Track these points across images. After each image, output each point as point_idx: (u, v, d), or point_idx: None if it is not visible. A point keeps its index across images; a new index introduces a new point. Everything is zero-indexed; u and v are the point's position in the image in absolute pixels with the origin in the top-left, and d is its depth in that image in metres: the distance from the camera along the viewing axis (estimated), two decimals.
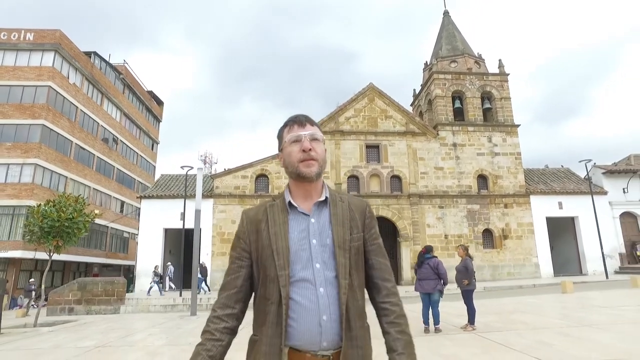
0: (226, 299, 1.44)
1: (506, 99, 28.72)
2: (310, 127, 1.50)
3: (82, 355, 6.18)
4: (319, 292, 1.35)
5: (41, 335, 8.55)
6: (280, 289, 1.34)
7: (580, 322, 7.64)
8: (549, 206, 26.58)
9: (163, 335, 8.04)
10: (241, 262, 1.47)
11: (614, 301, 10.57)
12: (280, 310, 1.33)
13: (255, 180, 25.32)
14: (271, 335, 1.33)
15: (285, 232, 1.42)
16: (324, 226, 1.45)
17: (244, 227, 1.49)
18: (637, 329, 6.70)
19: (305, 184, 1.47)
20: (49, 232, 10.30)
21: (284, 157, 1.50)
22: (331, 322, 1.34)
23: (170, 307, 17.29)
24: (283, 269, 1.36)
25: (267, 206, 1.50)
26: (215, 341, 1.36)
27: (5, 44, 27.13)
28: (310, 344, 1.33)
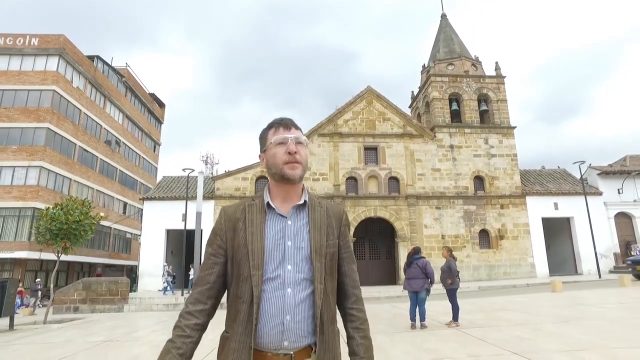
0: (199, 294, 1.46)
1: (502, 101, 29.15)
2: (295, 130, 1.53)
3: (92, 348, 6.69)
4: (286, 293, 1.38)
5: (52, 331, 9.07)
6: (252, 288, 1.37)
7: (558, 318, 8.11)
8: (545, 207, 27.00)
9: (166, 331, 8.55)
10: (216, 259, 1.49)
11: (597, 299, 11.03)
12: (252, 309, 1.36)
13: (255, 181, 25.80)
14: (241, 333, 1.37)
15: (262, 232, 1.44)
16: (300, 229, 1.47)
17: (222, 224, 1.51)
18: (608, 324, 7.17)
19: (287, 186, 1.49)
20: (57, 234, 10.82)
21: (268, 158, 1.52)
22: (294, 322, 1.37)
23: (173, 306, 17.76)
24: (257, 269, 1.38)
25: (246, 205, 1.52)
26: (186, 337, 1.38)
27: (10, 49, 27.73)
28: (270, 342, 1.36)
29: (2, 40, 27.83)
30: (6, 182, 25.58)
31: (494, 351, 5.64)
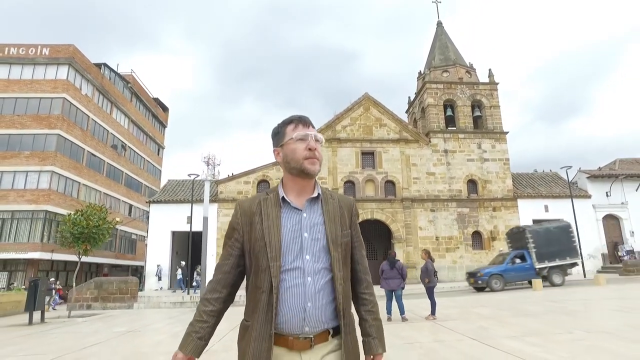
0: (215, 283, 1.57)
1: (495, 107, 30.21)
2: (313, 128, 1.61)
3: (119, 337, 7.82)
4: (306, 281, 1.45)
5: (78, 324, 10.23)
6: (271, 279, 1.43)
7: (522, 312, 9.23)
8: (536, 209, 28.03)
9: (179, 324, 9.68)
10: (232, 251, 1.58)
11: (567, 296, 12.14)
12: (271, 298, 1.42)
13: (257, 185, 26.88)
14: (262, 321, 1.43)
15: (278, 225, 1.50)
16: (316, 221, 1.53)
17: (238, 218, 1.57)
18: (562, 316, 8.28)
19: (304, 181, 1.56)
20: (78, 237, 11.96)
21: (287, 152, 1.57)
22: (315, 309, 1.44)
23: (179, 304, 18.88)
24: (275, 261, 1.45)
25: (261, 199, 1.57)
26: (203, 322, 1.50)
27: (23, 59, 28.98)
28: (292, 328, 1.43)
29: (15, 50, 29.10)
30: (19, 186, 26.83)
31: (458, 337, 6.75)
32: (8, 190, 26.61)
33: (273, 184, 26.76)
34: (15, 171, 26.97)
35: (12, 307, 13.18)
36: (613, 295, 11.89)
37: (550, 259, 18.38)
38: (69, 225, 11.95)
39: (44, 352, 6.48)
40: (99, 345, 6.94)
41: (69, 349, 6.62)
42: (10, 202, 26.39)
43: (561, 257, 18.60)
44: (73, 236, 11.93)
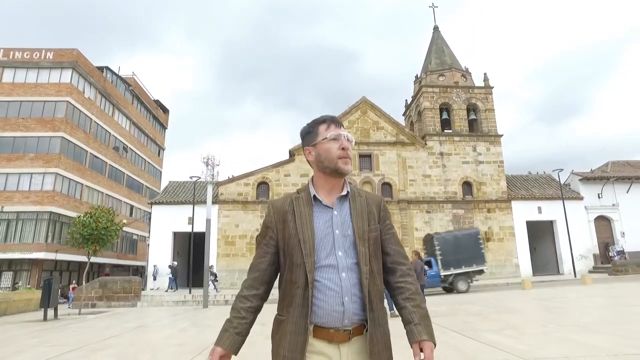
0: (252, 280, 1.61)
1: (490, 110, 30.88)
2: (344, 129, 1.65)
3: (132, 331, 8.44)
4: (341, 277, 1.49)
5: (90, 320, 10.86)
6: (306, 274, 1.48)
7: (505, 309, 9.88)
8: (529, 211, 28.71)
9: (185, 320, 10.30)
10: (267, 249, 1.62)
11: (551, 295, 12.80)
12: (306, 293, 1.47)
13: (256, 187, 27.50)
14: (297, 315, 1.47)
15: (311, 223, 1.55)
16: (345, 218, 1.58)
17: (272, 216, 1.62)
18: (540, 312, 8.93)
19: (335, 180, 1.61)
20: (88, 238, 12.59)
21: (320, 152, 1.61)
22: (352, 303, 1.48)
23: (182, 303, 19.52)
24: (309, 256, 1.49)
25: (293, 198, 1.63)
26: (241, 319, 1.53)
27: (28, 63, 29.62)
28: (333, 321, 1.47)
29: (20, 55, 29.72)
30: (24, 188, 27.43)
31: (442, 331, 7.39)
32: (13, 191, 27.22)
33: (273, 185, 27.39)
34: (20, 173, 27.59)
35: (24, 305, 13.82)
36: (596, 294, 12.56)
37: (456, 266, 18.53)
38: (79, 227, 12.58)
39: (67, 344, 7.10)
40: (115, 338, 7.57)
41: (88, 341, 7.25)
42: (15, 203, 27.00)
43: (467, 264, 18.73)
44: (83, 237, 12.56)
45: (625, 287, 14.09)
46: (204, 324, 9.32)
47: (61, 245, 27.61)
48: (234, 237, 26.26)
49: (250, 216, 26.74)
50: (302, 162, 27.45)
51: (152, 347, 6.57)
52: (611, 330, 6.41)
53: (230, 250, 25.97)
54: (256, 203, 26.82)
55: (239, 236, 26.32)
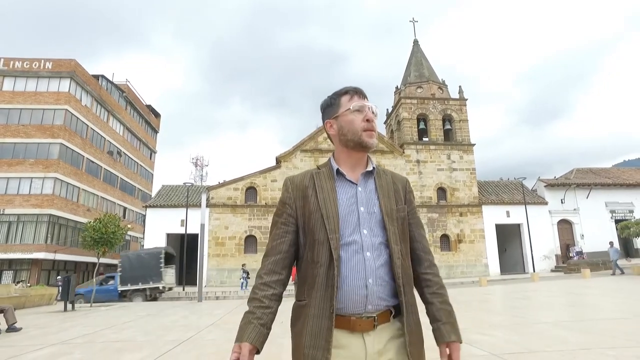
0: (273, 264, 1.44)
1: (464, 121, 33.21)
2: (368, 100, 1.51)
3: (143, 318, 10.37)
4: (365, 256, 1.37)
5: (103, 311, 12.74)
6: (331, 251, 1.35)
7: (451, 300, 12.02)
8: (498, 215, 31.10)
9: (185, 310, 12.25)
10: (287, 228, 1.48)
11: (498, 290, 15.03)
12: (331, 272, 1.34)
13: (245, 191, 29.40)
14: (320, 298, 1.34)
15: (334, 198, 1.43)
16: (371, 195, 1.46)
17: (290, 192, 1.50)
18: (480, 304, 11.07)
19: (358, 154, 1.49)
20: (98, 241, 14.48)
21: (343, 124, 1.48)
22: (377, 286, 1.34)
23: (176, 299, 21.37)
24: (333, 232, 1.37)
25: (314, 173, 1.51)
26: (265, 308, 1.37)
27: (28, 72, 31.18)
28: (354, 307, 1.33)
29: (20, 64, 31.24)
30: (25, 192, 29.04)
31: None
32: (14, 195, 28.80)
33: (260, 190, 29.29)
34: (20, 177, 29.18)
35: (39, 300, 15.61)
36: (534, 288, 14.78)
37: (133, 282, 19.25)
38: (90, 232, 14.45)
39: (96, 325, 9.02)
40: (132, 322, 9.51)
41: (111, 324, 9.18)
42: (16, 206, 28.58)
43: (144, 281, 19.41)
44: (93, 240, 14.42)
45: (562, 283, 16.39)
46: (201, 313, 11.29)
47: (60, 246, 29.28)
48: (223, 238, 28.12)
49: (239, 219, 28.61)
50: (288, 169, 29.46)
51: (164, 327, 8.53)
52: (504, 312, 8.58)
53: (220, 250, 27.83)
54: (245, 207, 28.71)
55: (228, 237, 28.18)
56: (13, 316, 8.11)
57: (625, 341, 5.14)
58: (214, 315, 10.60)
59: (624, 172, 37.18)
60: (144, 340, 6.92)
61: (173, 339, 6.86)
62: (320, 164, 1.57)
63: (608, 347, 4.86)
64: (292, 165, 29.77)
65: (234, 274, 26.94)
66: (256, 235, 28.15)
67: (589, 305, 9.45)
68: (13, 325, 8.05)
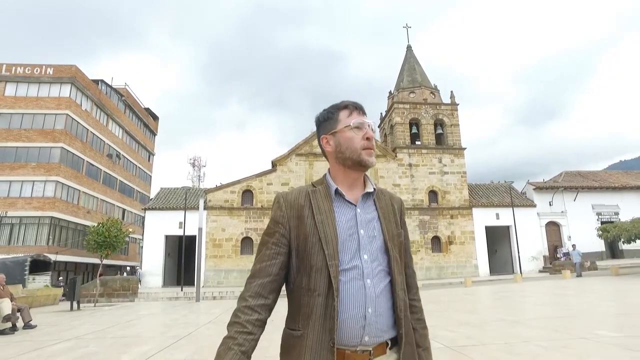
0: (260, 287, 1.34)
1: (455, 125, 34.09)
2: (367, 117, 1.45)
3: (146, 316, 11.21)
4: (366, 284, 1.29)
5: (107, 310, 13.57)
6: (330, 280, 1.27)
7: (433, 300, 12.89)
8: (488, 217, 31.97)
9: (184, 309, 13.09)
10: (278, 249, 1.38)
11: (482, 291, 15.90)
12: (330, 302, 1.26)
13: (241, 194, 30.20)
14: (318, 329, 1.26)
15: (333, 220, 1.35)
16: (371, 218, 1.40)
17: (283, 211, 1.39)
18: (459, 304, 11.92)
19: (356, 173, 1.42)
20: (101, 244, 15.28)
21: (341, 141, 1.41)
22: (376, 315, 1.28)
23: (175, 299, 22.17)
24: (332, 259, 1.29)
25: (309, 191, 1.42)
26: (247, 334, 1.27)
27: (29, 78, 31.93)
28: (351, 337, 1.26)
29: (22, 70, 32.00)
30: (27, 194, 29.80)
31: None
32: (16, 198, 29.56)
33: (256, 193, 30.09)
34: (23, 181, 29.94)
35: (44, 300, 16.41)
36: (514, 289, 15.67)
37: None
38: (94, 235, 15.26)
39: (103, 323, 9.84)
40: (136, 320, 10.34)
41: (117, 322, 10.00)
42: (19, 208, 29.33)
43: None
44: (97, 243, 15.23)
45: (542, 284, 17.29)
46: (199, 312, 12.13)
47: (61, 247, 30.03)
48: (220, 240, 28.91)
49: (235, 221, 29.41)
50: (283, 172, 30.31)
51: (165, 325, 9.36)
52: (476, 311, 9.44)
53: (217, 252, 28.62)
54: (241, 209, 29.52)
55: (225, 239, 28.98)
56: (29, 314, 8.92)
57: (562, 334, 6.01)
58: (211, 314, 11.42)
59: (611, 175, 38.21)
60: (149, 336, 7.76)
61: (174, 334, 7.69)
62: (315, 181, 1.48)
63: (546, 339, 5.73)
64: (287, 168, 30.61)
65: (230, 274, 27.78)
66: (252, 237, 28.94)
67: (554, 304, 10.34)
68: (29, 322, 8.86)
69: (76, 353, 6.13)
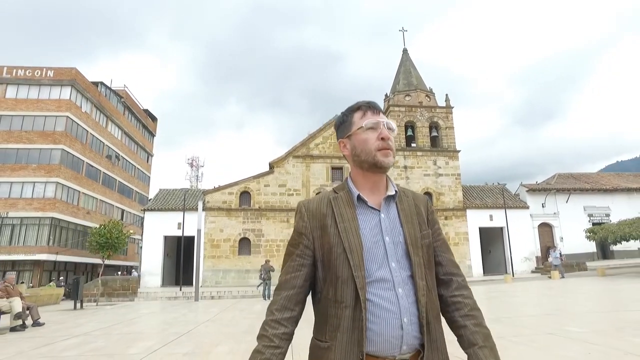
0: (285, 300, 1.35)
1: (450, 128, 34.65)
2: (383, 115, 1.41)
3: (147, 315, 11.70)
4: (398, 293, 1.26)
5: (109, 309, 14.07)
6: (357, 291, 1.25)
7: None
8: (482, 218, 32.51)
9: (183, 308, 13.59)
10: (303, 260, 1.37)
11: (473, 291, 16.42)
12: (357, 314, 1.24)
13: (239, 196, 30.70)
14: (346, 341, 1.23)
15: (356, 228, 1.32)
16: (394, 222, 1.36)
17: (306, 221, 1.38)
18: None
19: (375, 176, 1.39)
20: (103, 245, 15.78)
21: (356, 144, 1.39)
22: (412, 324, 1.25)
23: (174, 298, 22.65)
24: (358, 269, 1.27)
25: (331, 198, 1.39)
26: (275, 348, 1.28)
27: (30, 80, 32.39)
28: (390, 349, 1.24)
29: (23, 72, 32.44)
30: (27, 195, 30.26)
31: None
32: (17, 198, 30.01)
33: (254, 194, 30.58)
34: (23, 182, 30.40)
35: (47, 299, 16.89)
36: (502, 289, 16.23)
37: None
38: (96, 237, 15.76)
39: (107, 321, 10.34)
40: (138, 318, 10.85)
41: (120, 320, 10.50)
42: (20, 209, 29.78)
43: None
44: (99, 245, 15.73)
45: (531, 284, 17.85)
46: (199, 311, 12.63)
47: (61, 248, 30.49)
48: (218, 240, 29.39)
49: (233, 222, 29.89)
50: (281, 174, 30.83)
51: (166, 322, 9.86)
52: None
53: (215, 252, 29.09)
54: (239, 210, 30.01)
55: (223, 240, 29.46)
56: (37, 313, 9.43)
57: (533, 330, 6.56)
58: (209, 312, 11.93)
59: (603, 177, 38.85)
60: (152, 332, 8.28)
61: (175, 331, 8.21)
62: (337, 187, 1.45)
63: (518, 335, 6.27)
64: (284, 170, 31.13)
65: (228, 274, 28.28)
66: (250, 238, 29.44)
67: (535, 304, 10.90)
68: (37, 320, 9.36)
69: (87, 347, 6.64)
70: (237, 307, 11.39)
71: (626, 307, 9.00)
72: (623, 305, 9.53)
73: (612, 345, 5.26)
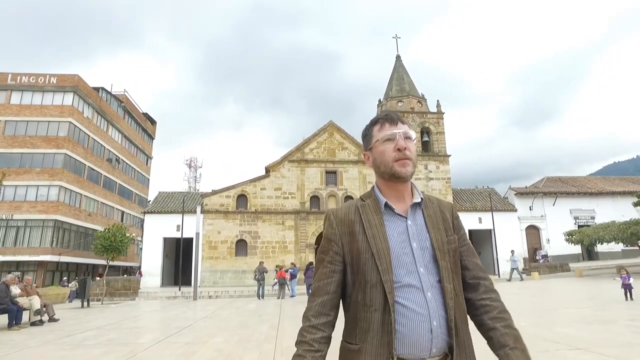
0: (320, 306, 1.39)
1: (441, 133, 35.79)
2: (402, 125, 1.46)
3: (150, 312, 12.76)
4: (427, 297, 1.31)
5: (114, 307, 15.15)
6: (386, 295, 1.29)
7: None
8: (471, 221, 33.54)
9: (183, 307, 14.65)
10: (334, 267, 1.42)
11: None
12: (387, 317, 1.28)
13: (236, 199, 31.75)
14: (377, 344, 1.28)
15: (384, 234, 1.37)
16: (421, 229, 1.40)
17: (335, 228, 1.44)
18: None
19: (399, 185, 1.43)
20: (108, 248, 16.85)
21: (375, 156, 1.45)
22: (441, 327, 1.29)
23: (173, 298, 23.66)
24: (387, 274, 1.31)
25: (359, 206, 1.44)
26: (315, 352, 1.33)
27: (33, 87, 33.44)
28: (419, 351, 1.28)
29: (27, 79, 33.48)
30: (31, 198, 31.32)
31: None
32: (22, 202, 31.05)
33: (250, 197, 31.60)
34: (27, 185, 31.44)
35: (54, 298, 17.93)
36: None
37: None
38: (101, 240, 16.84)
39: (115, 317, 11.41)
40: (143, 315, 11.92)
41: (126, 317, 11.57)
42: (24, 212, 30.82)
43: None
44: (104, 247, 16.80)
45: (512, 285, 18.93)
46: (197, 309, 13.71)
47: (64, 249, 31.52)
48: (216, 242, 30.43)
49: (230, 224, 30.94)
50: (276, 177, 31.91)
51: (168, 318, 10.94)
52: None
53: (213, 253, 30.13)
54: (236, 213, 31.06)
55: (220, 241, 30.51)
56: (52, 309, 10.50)
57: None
58: (207, 310, 13.00)
59: (590, 180, 40.06)
60: (156, 327, 9.36)
61: (177, 325, 9.29)
62: (363, 195, 1.51)
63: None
64: (280, 174, 32.19)
65: (225, 275, 29.32)
66: (246, 240, 30.48)
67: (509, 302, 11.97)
68: (53, 316, 10.44)
69: (103, 338, 7.73)
70: (233, 305, 12.67)
71: (575, 305, 10.11)
72: (576, 303, 10.63)
73: (540, 335, 6.36)
